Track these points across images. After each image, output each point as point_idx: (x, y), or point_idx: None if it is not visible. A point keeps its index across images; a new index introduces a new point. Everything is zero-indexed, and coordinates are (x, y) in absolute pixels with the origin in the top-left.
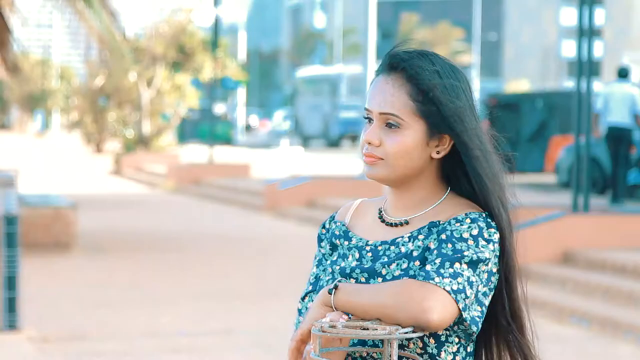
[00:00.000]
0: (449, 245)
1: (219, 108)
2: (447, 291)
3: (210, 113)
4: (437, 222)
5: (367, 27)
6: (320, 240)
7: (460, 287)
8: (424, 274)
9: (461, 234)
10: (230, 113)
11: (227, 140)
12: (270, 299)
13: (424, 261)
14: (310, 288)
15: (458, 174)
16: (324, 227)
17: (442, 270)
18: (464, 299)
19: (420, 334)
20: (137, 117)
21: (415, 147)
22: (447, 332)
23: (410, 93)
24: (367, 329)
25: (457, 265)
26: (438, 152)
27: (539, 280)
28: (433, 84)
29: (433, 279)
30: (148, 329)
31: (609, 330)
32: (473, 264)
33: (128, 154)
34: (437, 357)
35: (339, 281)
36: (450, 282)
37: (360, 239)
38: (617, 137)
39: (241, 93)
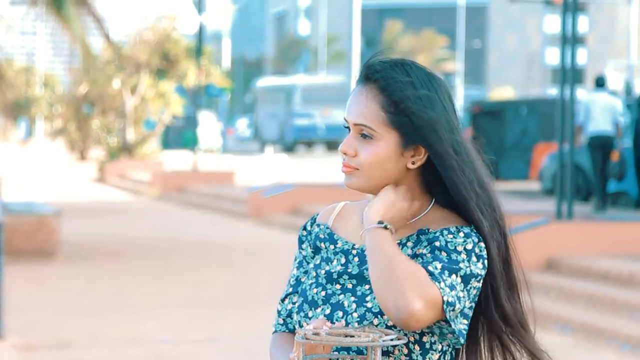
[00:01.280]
0: (444, 254)
1: (204, 115)
2: (442, 300)
3: (194, 120)
4: (427, 230)
5: (351, 34)
6: (301, 242)
7: (452, 300)
8: (431, 271)
9: (455, 247)
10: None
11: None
12: (254, 306)
13: None
14: (290, 290)
15: (439, 184)
16: (304, 228)
17: (444, 277)
18: (451, 311)
19: (403, 342)
20: (121, 124)
21: (389, 158)
22: (432, 340)
23: (382, 104)
24: (351, 336)
25: (453, 277)
26: (413, 163)
27: (522, 287)
28: (405, 95)
29: (439, 282)
30: (132, 337)
31: (592, 337)
32: (466, 279)
33: (112, 161)
34: None
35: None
36: (448, 292)
37: (346, 242)
38: (601, 146)
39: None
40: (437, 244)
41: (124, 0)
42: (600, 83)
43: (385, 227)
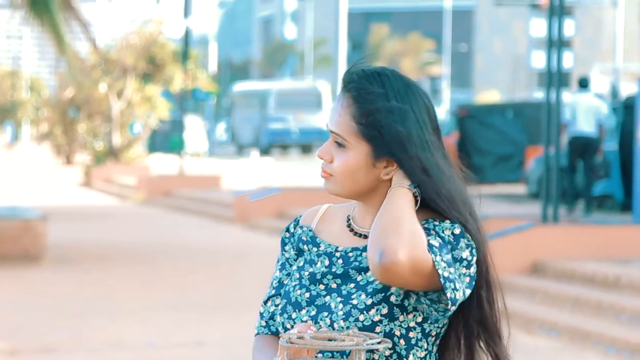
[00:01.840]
0: (433, 233)
1: (190, 119)
2: (438, 274)
3: (180, 124)
4: None
5: (337, 38)
6: (284, 244)
7: (450, 276)
8: (431, 244)
9: (443, 230)
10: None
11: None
12: (241, 310)
13: None
14: (273, 292)
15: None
16: (287, 230)
17: (442, 253)
18: (451, 287)
19: (387, 346)
20: (107, 128)
21: (359, 168)
22: (418, 336)
23: (354, 115)
24: (336, 340)
25: (449, 256)
26: (387, 174)
27: (508, 291)
28: (375, 108)
29: (436, 256)
30: (118, 341)
31: (578, 341)
32: (453, 261)
33: (98, 165)
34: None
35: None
36: (444, 267)
37: (329, 245)
38: (583, 147)
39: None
40: (425, 225)
41: (110, 5)
42: (583, 84)
43: (414, 194)
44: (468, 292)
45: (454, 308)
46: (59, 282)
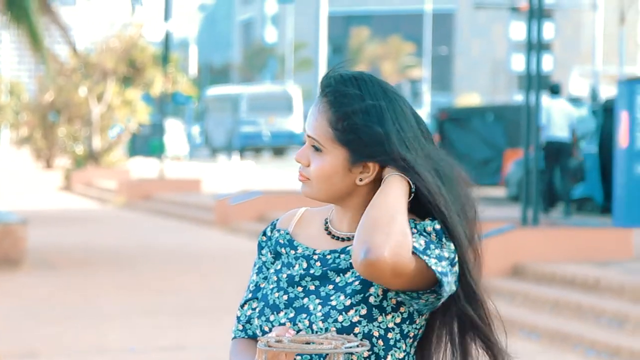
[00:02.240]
0: (415, 231)
1: (171, 123)
2: (432, 270)
3: (161, 128)
4: None
5: (317, 41)
6: (260, 247)
7: (443, 270)
8: (416, 247)
9: (425, 228)
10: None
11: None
12: (222, 313)
13: None
14: (250, 296)
15: None
16: (264, 234)
17: (429, 252)
18: (448, 283)
19: (365, 349)
20: (87, 132)
21: (336, 173)
22: (397, 337)
23: (330, 120)
24: (314, 344)
25: (437, 251)
26: (361, 180)
27: (488, 293)
28: (352, 110)
29: (425, 256)
30: (99, 345)
31: (558, 343)
32: (440, 258)
33: (78, 169)
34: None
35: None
36: (436, 263)
37: (307, 247)
38: (557, 151)
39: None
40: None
41: (90, 8)
42: (555, 90)
43: (409, 186)
44: (454, 288)
45: (441, 301)
46: (39, 286)
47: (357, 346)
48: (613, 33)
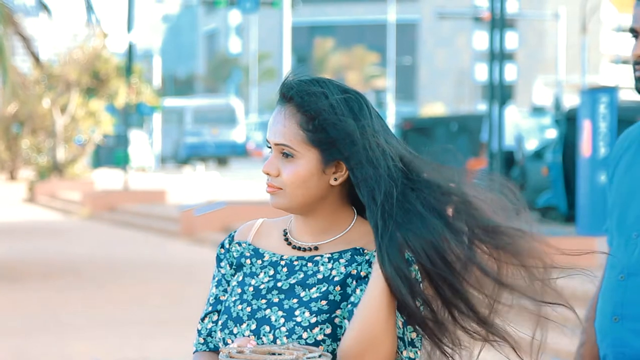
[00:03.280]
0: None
1: (135, 134)
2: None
3: (125, 139)
4: (362, 250)
5: (281, 51)
6: (219, 260)
7: (413, 356)
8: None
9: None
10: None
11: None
12: (186, 325)
13: (344, 286)
14: (210, 309)
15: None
16: (222, 246)
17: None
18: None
19: (328, 359)
20: (51, 143)
21: (311, 176)
22: None
23: (300, 122)
24: (276, 354)
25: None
26: (336, 179)
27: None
28: (318, 108)
29: (403, 351)
30: (63, 357)
31: (521, 351)
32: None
33: (42, 181)
34: None
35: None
36: (410, 349)
37: (274, 254)
38: (507, 160)
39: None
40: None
41: (53, 20)
42: (503, 99)
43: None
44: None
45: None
46: (2, 298)
47: (319, 356)
48: (575, 43)
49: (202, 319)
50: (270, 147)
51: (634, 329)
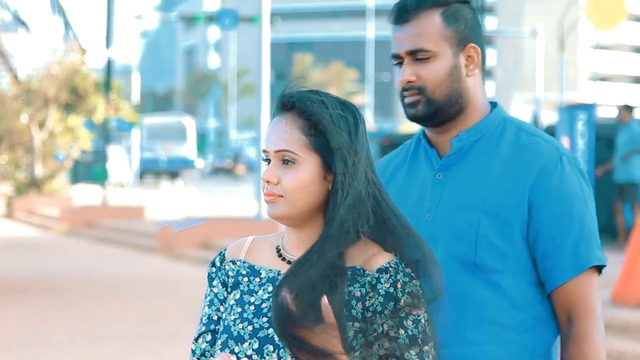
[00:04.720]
0: (406, 319)
1: (113, 150)
2: None
3: (103, 155)
4: (361, 271)
5: (260, 67)
6: (211, 279)
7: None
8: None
9: (409, 291)
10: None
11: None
12: (166, 341)
13: (350, 309)
14: (203, 329)
15: None
16: (214, 265)
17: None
18: None
19: None
20: (29, 159)
21: (313, 182)
22: None
23: (302, 127)
24: None
25: (412, 350)
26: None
27: None
28: (320, 115)
29: None
30: None
31: None
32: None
33: (20, 196)
34: None
35: None
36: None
37: (270, 270)
38: None
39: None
40: (394, 295)
41: (32, 35)
42: None
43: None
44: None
45: None
46: None
47: None
48: (553, 60)
49: (196, 339)
50: (266, 160)
51: None
